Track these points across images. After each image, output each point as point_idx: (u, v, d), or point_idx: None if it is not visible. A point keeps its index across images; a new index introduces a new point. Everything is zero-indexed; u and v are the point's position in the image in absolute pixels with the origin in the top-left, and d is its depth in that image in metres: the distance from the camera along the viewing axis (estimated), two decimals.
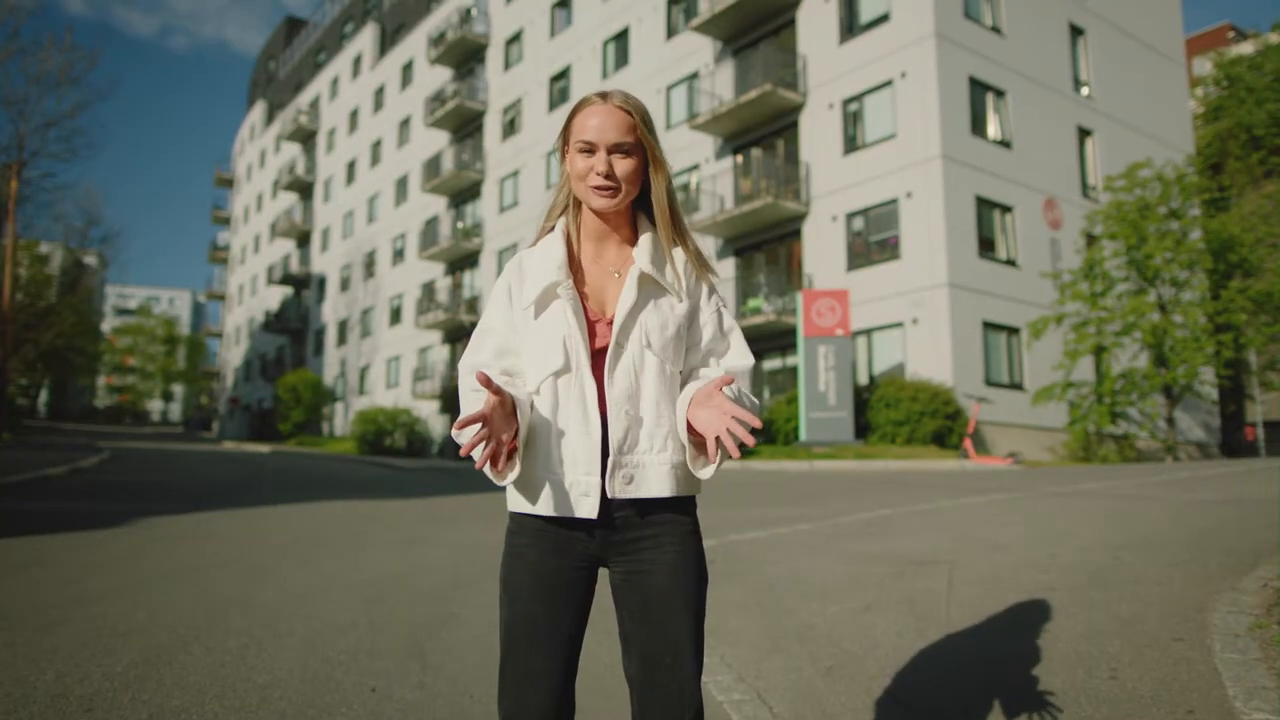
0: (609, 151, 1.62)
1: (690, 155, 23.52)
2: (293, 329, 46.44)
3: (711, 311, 1.73)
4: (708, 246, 22.46)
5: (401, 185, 37.68)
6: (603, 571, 1.70)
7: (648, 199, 1.72)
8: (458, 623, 4.15)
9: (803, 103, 20.94)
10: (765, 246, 21.80)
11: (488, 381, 1.48)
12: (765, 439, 18.52)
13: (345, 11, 47.27)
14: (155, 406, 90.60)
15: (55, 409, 69.63)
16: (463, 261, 32.93)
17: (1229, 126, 29.60)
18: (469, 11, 33.99)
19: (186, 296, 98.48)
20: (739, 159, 22.48)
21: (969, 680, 3.12)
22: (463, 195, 33.60)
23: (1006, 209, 19.53)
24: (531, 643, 1.60)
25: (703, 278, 1.74)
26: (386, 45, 41.52)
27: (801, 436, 17.12)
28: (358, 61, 43.29)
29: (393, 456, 27.96)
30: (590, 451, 1.60)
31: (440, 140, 35.24)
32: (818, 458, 15.67)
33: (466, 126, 33.86)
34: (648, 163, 1.67)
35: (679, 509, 1.66)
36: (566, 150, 1.69)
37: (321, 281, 44.29)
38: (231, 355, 58.96)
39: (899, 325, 18.50)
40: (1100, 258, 19.02)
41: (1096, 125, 21.96)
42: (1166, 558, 4.68)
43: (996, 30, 20.12)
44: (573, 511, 1.60)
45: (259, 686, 3.22)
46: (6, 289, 25.68)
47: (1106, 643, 3.35)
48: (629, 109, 1.64)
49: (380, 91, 40.58)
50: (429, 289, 34.11)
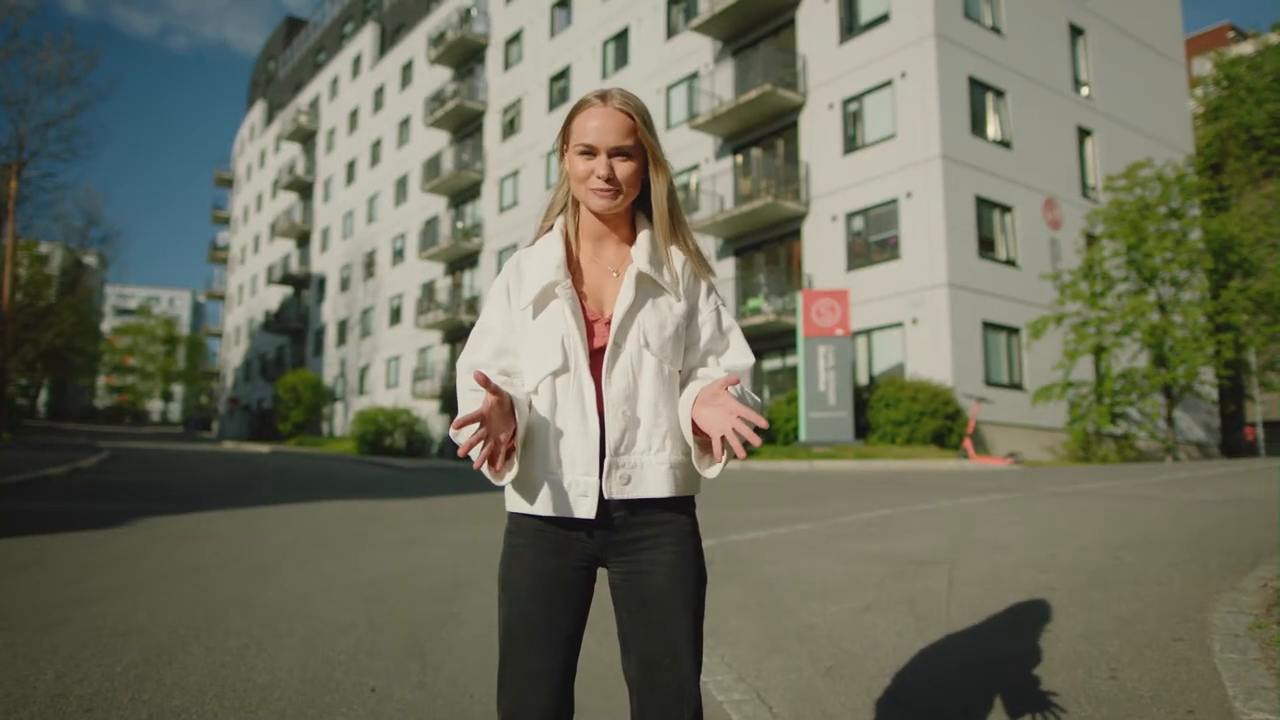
0: (609, 155, 1.61)
1: (690, 155, 23.52)
2: (293, 329, 46.45)
3: (710, 310, 1.72)
4: (708, 246, 22.45)
5: (401, 185, 37.67)
6: (602, 571, 1.70)
7: (647, 198, 1.72)
8: (458, 623, 4.15)
9: (803, 103, 20.94)
10: (765, 246, 21.80)
11: (485, 381, 1.48)
12: (765, 439, 18.50)
13: (345, 11, 47.26)
14: (155, 406, 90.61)
15: (55, 409, 69.62)
16: (462, 261, 32.93)
17: (1229, 126, 29.59)
18: (469, 11, 33.98)
19: (186, 296, 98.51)
20: (739, 159, 22.47)
21: (969, 680, 3.12)
22: (463, 195, 33.60)
23: (1006, 209, 19.53)
24: (530, 643, 1.60)
25: (701, 277, 1.73)
26: (386, 45, 41.52)
27: (801, 436, 17.12)
28: (358, 61, 43.28)
29: (392, 456, 27.96)
30: (588, 452, 1.60)
31: (440, 140, 35.24)
32: (818, 458, 15.67)
33: (466, 126, 33.86)
34: (648, 163, 1.67)
35: (678, 509, 1.66)
36: (565, 150, 1.68)
37: (321, 281, 44.28)
38: (231, 355, 58.97)
39: (899, 325, 18.50)
40: (1100, 258, 19.02)
41: (1096, 125, 21.96)
42: (1166, 558, 4.68)
43: (996, 30, 20.12)
44: (571, 512, 1.60)
45: (259, 686, 3.22)
46: (6, 289, 25.68)
47: (1106, 643, 3.35)
48: (629, 110, 1.62)
49: (380, 91, 40.57)
50: (429, 289, 34.11)
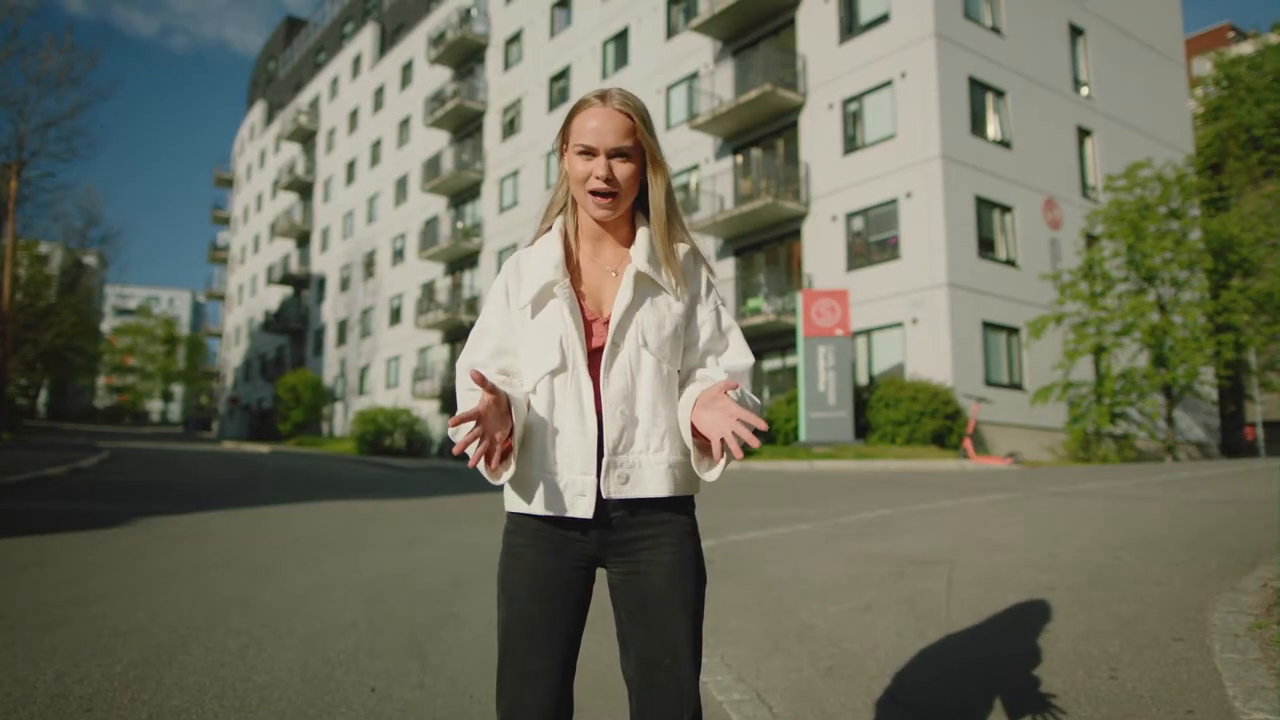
0: (609, 156, 1.61)
1: (690, 155, 23.52)
2: (292, 329, 46.44)
3: (709, 310, 1.72)
4: (708, 246, 22.46)
5: (401, 185, 37.67)
6: (601, 571, 1.70)
7: (646, 198, 1.71)
8: (458, 623, 4.15)
9: (802, 103, 20.94)
10: (765, 246, 21.80)
11: (482, 380, 1.48)
12: (765, 439, 18.49)
13: (345, 11, 47.26)
14: (155, 406, 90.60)
15: (55, 409, 69.61)
16: (462, 261, 32.93)
17: (1229, 126, 29.60)
18: (469, 11, 33.98)
19: (186, 296, 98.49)
20: (739, 159, 22.47)
21: (969, 680, 3.12)
22: (462, 195, 33.60)
23: (1006, 209, 19.53)
24: (529, 643, 1.60)
25: (700, 276, 1.73)
26: (386, 45, 41.51)
27: (801, 436, 17.12)
28: (358, 61, 43.28)
29: (392, 456, 27.96)
30: (586, 451, 1.60)
31: (440, 140, 35.24)
32: (818, 458, 15.67)
33: (466, 126, 33.85)
34: (646, 164, 1.66)
35: (677, 509, 1.66)
36: (564, 149, 1.68)
37: (321, 281, 44.28)
38: (231, 355, 58.97)
39: (899, 325, 18.49)
40: (1100, 258, 19.02)
41: (1096, 125, 21.96)
42: (1166, 558, 4.68)
43: (996, 30, 20.12)
44: (568, 511, 1.60)
45: (259, 686, 3.22)
46: (6, 289, 25.67)
47: (1106, 643, 3.35)
48: (629, 111, 1.62)
49: (380, 91, 40.57)
50: (429, 289, 34.10)
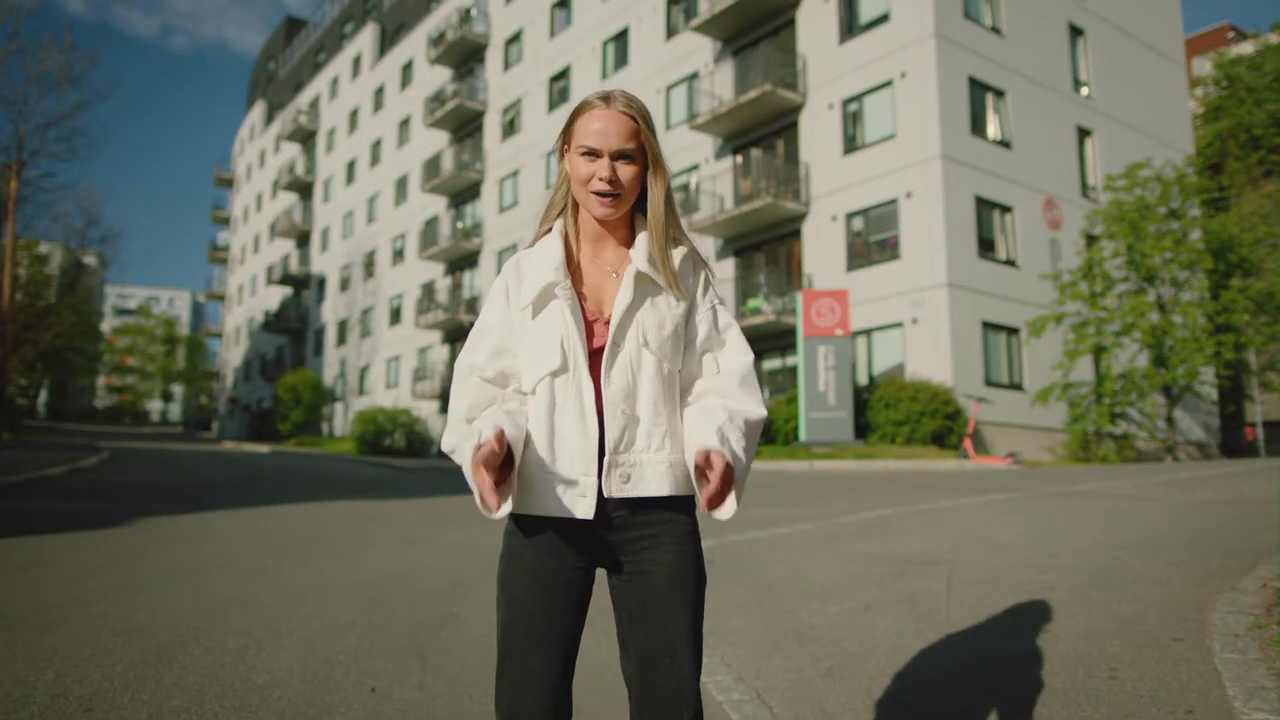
0: (612, 158, 1.62)
1: (690, 155, 23.52)
2: (292, 329, 46.44)
3: (707, 309, 1.73)
4: (708, 246, 22.46)
5: (401, 185, 37.67)
6: (600, 571, 1.70)
7: (644, 200, 1.72)
8: (458, 623, 4.15)
9: (802, 103, 20.94)
10: (765, 246, 21.80)
11: (500, 437, 1.48)
12: (765, 439, 18.51)
13: (345, 11, 47.26)
14: (155, 406, 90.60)
15: (55, 409, 69.60)
16: (462, 261, 32.93)
17: (1229, 126, 29.60)
18: (469, 11, 33.98)
19: (186, 296, 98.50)
20: (739, 159, 22.47)
21: (969, 680, 3.12)
22: (462, 195, 33.60)
23: (1006, 209, 19.53)
24: (529, 643, 1.60)
25: (699, 276, 1.74)
26: (386, 45, 41.52)
27: (801, 436, 17.12)
28: (357, 61, 43.28)
29: (392, 456, 27.96)
30: (587, 451, 1.60)
31: (440, 140, 35.24)
32: (817, 458, 15.67)
33: (466, 126, 33.86)
34: (648, 166, 1.67)
35: (678, 508, 1.66)
36: (566, 150, 1.68)
37: (321, 281, 44.28)
38: (231, 355, 58.97)
39: (899, 325, 18.49)
40: (1100, 258, 19.02)
41: (1096, 125, 21.96)
42: (1166, 558, 4.68)
43: (996, 30, 20.12)
44: (570, 512, 1.60)
45: (259, 686, 3.21)
46: (6, 289, 25.68)
47: (1106, 643, 3.35)
48: (632, 113, 1.63)
49: (380, 91, 40.57)
50: (429, 289, 34.11)
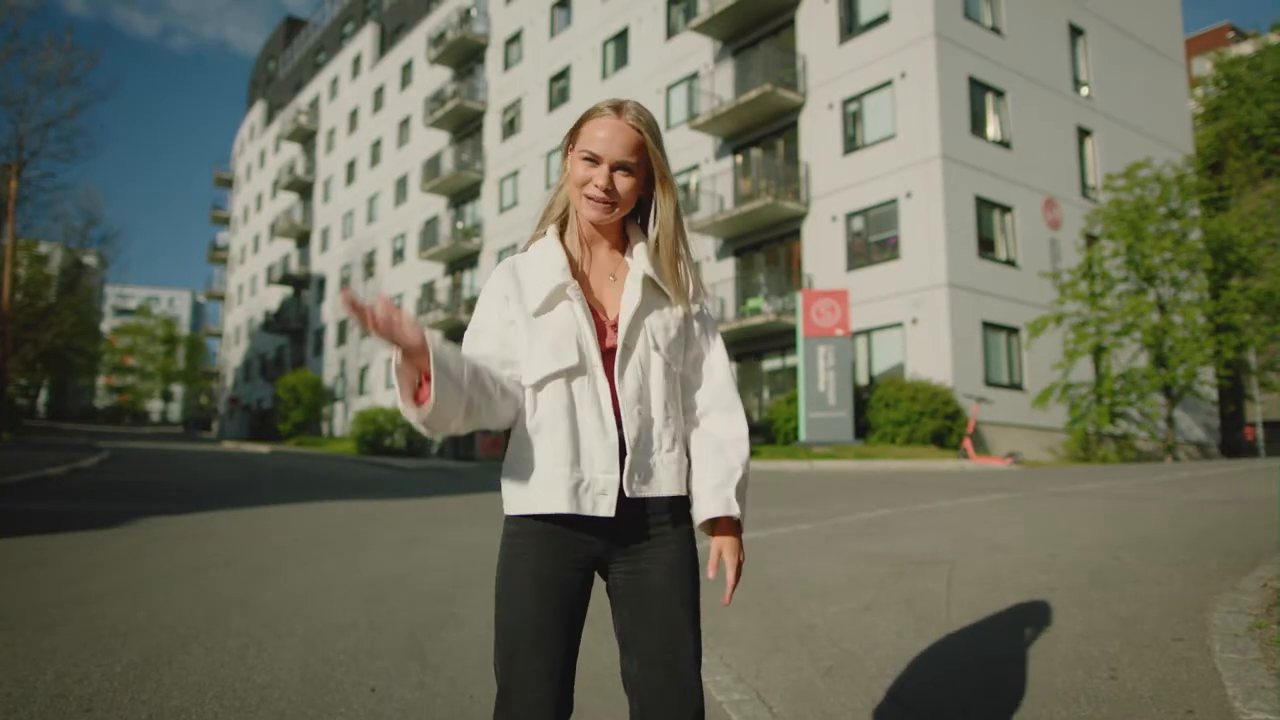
0: (611, 167, 1.62)
1: (690, 155, 23.52)
2: (292, 329, 46.43)
3: (698, 313, 1.76)
4: (708, 246, 22.48)
5: (401, 185, 37.66)
6: (599, 571, 1.70)
7: (639, 210, 1.74)
8: (458, 623, 4.15)
9: (802, 103, 20.93)
10: (765, 246, 21.80)
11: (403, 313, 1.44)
12: (765, 439, 18.52)
13: (345, 11, 47.26)
14: (155, 406, 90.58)
15: (55, 409, 69.60)
16: (462, 261, 32.93)
17: (1229, 126, 29.60)
18: (469, 11, 33.98)
19: (186, 296, 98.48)
20: (739, 159, 22.47)
21: (969, 680, 3.12)
22: (462, 195, 33.60)
23: (1006, 209, 19.53)
24: (530, 643, 1.60)
25: (697, 291, 1.75)
26: (386, 45, 41.51)
27: (801, 436, 17.12)
28: (357, 61, 43.27)
29: (392, 456, 27.94)
30: (608, 451, 1.61)
31: (440, 140, 35.23)
32: (817, 458, 15.67)
33: (466, 126, 33.85)
34: (650, 180, 1.69)
35: (681, 508, 1.68)
36: (570, 150, 1.69)
37: (321, 281, 44.26)
38: (231, 355, 58.95)
39: (899, 325, 18.49)
40: (1100, 258, 19.01)
41: (1096, 125, 21.96)
42: (1166, 558, 4.68)
43: (996, 30, 20.12)
44: (592, 510, 1.60)
45: (259, 686, 3.22)
46: (6, 289, 25.68)
47: (1106, 643, 3.35)
48: (640, 127, 1.64)
49: (380, 91, 40.56)
50: (429, 289, 34.10)
